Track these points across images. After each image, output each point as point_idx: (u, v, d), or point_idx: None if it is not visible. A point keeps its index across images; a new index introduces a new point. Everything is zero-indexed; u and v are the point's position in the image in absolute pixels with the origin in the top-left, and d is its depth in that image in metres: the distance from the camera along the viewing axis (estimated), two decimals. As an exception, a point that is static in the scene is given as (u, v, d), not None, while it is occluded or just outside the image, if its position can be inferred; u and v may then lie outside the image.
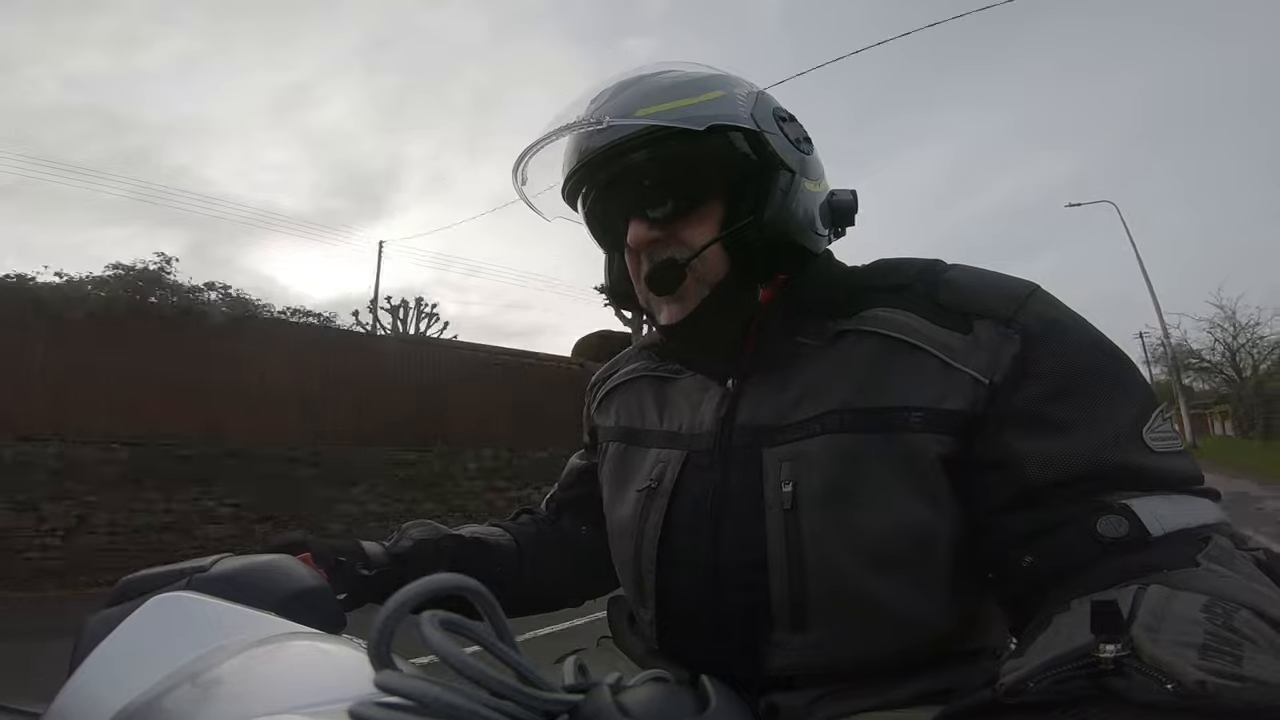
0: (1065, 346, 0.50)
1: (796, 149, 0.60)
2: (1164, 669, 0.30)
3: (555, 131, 0.58)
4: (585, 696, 0.27)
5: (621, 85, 0.58)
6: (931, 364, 0.52)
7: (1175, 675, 0.29)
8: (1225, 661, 0.31)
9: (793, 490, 0.53)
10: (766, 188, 0.57)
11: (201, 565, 0.46)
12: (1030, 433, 0.48)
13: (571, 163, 0.60)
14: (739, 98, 0.58)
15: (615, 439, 0.72)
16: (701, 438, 0.61)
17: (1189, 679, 0.29)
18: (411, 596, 0.25)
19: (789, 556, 0.53)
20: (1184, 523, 0.44)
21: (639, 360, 0.75)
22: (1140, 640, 0.32)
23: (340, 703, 0.25)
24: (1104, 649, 0.32)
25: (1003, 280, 0.55)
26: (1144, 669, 0.30)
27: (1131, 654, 0.31)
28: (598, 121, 0.55)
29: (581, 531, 0.79)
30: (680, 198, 0.57)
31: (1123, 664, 0.31)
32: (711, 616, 0.57)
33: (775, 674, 0.54)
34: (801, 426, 0.55)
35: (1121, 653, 0.31)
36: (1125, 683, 0.31)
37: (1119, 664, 0.31)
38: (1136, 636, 0.32)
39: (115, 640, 0.36)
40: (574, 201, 0.64)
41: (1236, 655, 0.31)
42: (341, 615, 0.49)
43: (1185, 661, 0.30)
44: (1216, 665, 0.30)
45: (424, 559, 0.65)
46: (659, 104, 0.55)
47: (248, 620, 0.37)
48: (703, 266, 0.57)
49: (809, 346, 0.58)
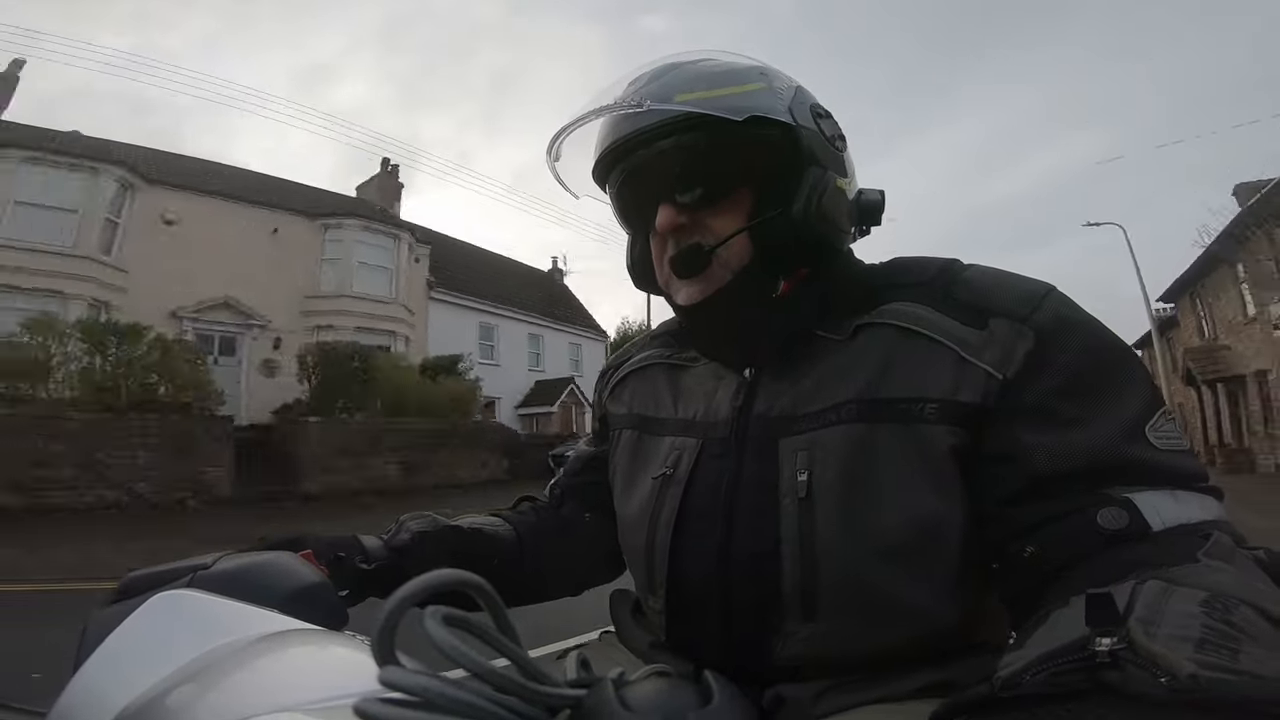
0: (1077, 345, 0.51)
1: (831, 146, 0.60)
2: (1159, 662, 0.30)
3: (593, 111, 0.58)
4: (588, 691, 0.27)
5: (661, 70, 0.59)
6: (947, 357, 0.53)
7: (1169, 668, 0.29)
8: (1222, 656, 0.30)
9: (807, 480, 0.54)
10: (797, 182, 0.57)
11: (203, 563, 0.46)
12: (1039, 427, 0.49)
13: (606, 143, 0.60)
14: (778, 91, 0.59)
15: (629, 426, 0.72)
16: (718, 426, 0.61)
17: (1183, 672, 0.29)
18: (414, 592, 0.25)
19: (801, 546, 0.53)
20: (1185, 518, 0.44)
21: (652, 348, 0.75)
22: (1136, 634, 0.32)
23: (345, 699, 0.25)
24: (1099, 642, 0.32)
25: (1019, 280, 0.56)
26: (1139, 662, 0.30)
27: (1127, 647, 0.31)
28: (637, 104, 0.55)
29: (585, 519, 0.78)
30: (711, 185, 0.58)
31: (1118, 657, 0.31)
32: (722, 605, 0.57)
33: (783, 665, 0.55)
34: (817, 416, 0.56)
35: (1117, 646, 0.31)
36: (1120, 676, 0.31)
37: (1114, 657, 0.31)
38: (1132, 630, 0.32)
39: (118, 638, 0.36)
40: (604, 182, 0.65)
41: (1233, 650, 0.31)
42: (344, 611, 0.49)
43: (1180, 655, 0.30)
44: (1212, 659, 0.30)
45: (423, 551, 0.65)
46: (698, 91, 0.56)
47: (250, 617, 0.37)
48: (727, 254, 0.58)
49: (827, 339, 0.59)
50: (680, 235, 0.59)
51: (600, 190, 0.66)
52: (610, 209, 0.66)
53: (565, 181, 0.67)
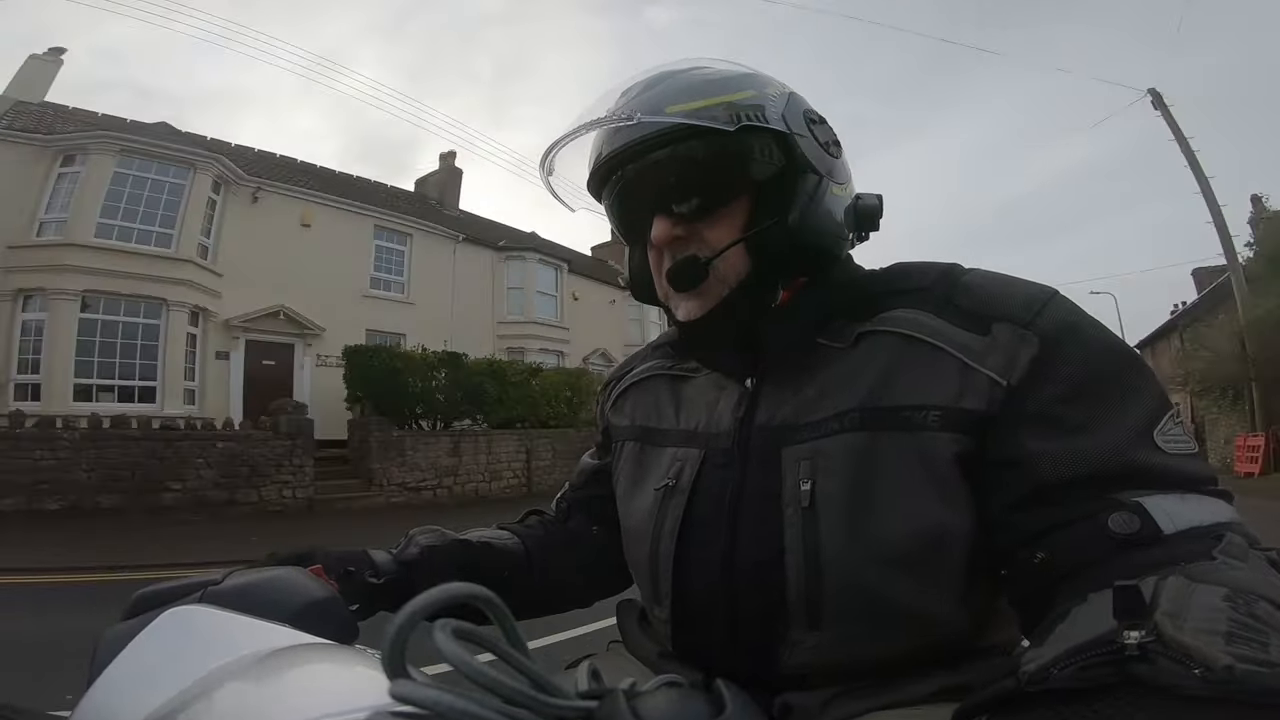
0: (1082, 350, 0.50)
1: (825, 152, 0.60)
2: (1191, 654, 0.30)
3: (584, 125, 0.58)
4: (599, 703, 0.27)
5: (652, 81, 0.58)
6: (950, 364, 0.52)
7: (1204, 660, 0.29)
8: (1253, 648, 0.30)
9: (810, 489, 0.54)
10: (793, 190, 0.57)
11: (214, 579, 0.46)
12: (1045, 433, 0.48)
13: (599, 156, 0.60)
14: (770, 98, 0.58)
15: (631, 438, 0.72)
16: (720, 436, 0.61)
17: (1219, 664, 0.29)
18: (424, 605, 0.25)
19: (805, 554, 0.53)
20: (1197, 520, 0.43)
21: (653, 359, 0.75)
22: (1164, 626, 0.31)
23: (356, 713, 0.25)
24: (1128, 635, 0.31)
25: (1022, 285, 0.55)
26: (1170, 654, 0.30)
27: (1156, 640, 0.31)
28: (628, 117, 0.55)
29: (592, 532, 0.78)
30: (706, 196, 0.58)
31: (1148, 650, 0.31)
32: (727, 615, 0.57)
33: (790, 673, 0.54)
34: (820, 425, 0.55)
35: (1146, 639, 0.31)
36: (1151, 669, 0.30)
37: (1144, 650, 0.31)
38: (1160, 623, 0.31)
39: (130, 654, 0.36)
40: (599, 194, 0.64)
41: (1263, 642, 0.31)
42: (354, 625, 0.49)
43: (1213, 648, 0.30)
44: (1244, 651, 0.30)
45: (432, 565, 0.65)
46: (689, 102, 0.55)
47: (261, 633, 0.37)
48: (724, 266, 0.58)
49: (828, 348, 0.58)
50: (677, 247, 0.59)
51: (596, 202, 0.66)
52: (607, 221, 0.66)
53: (560, 195, 0.67)
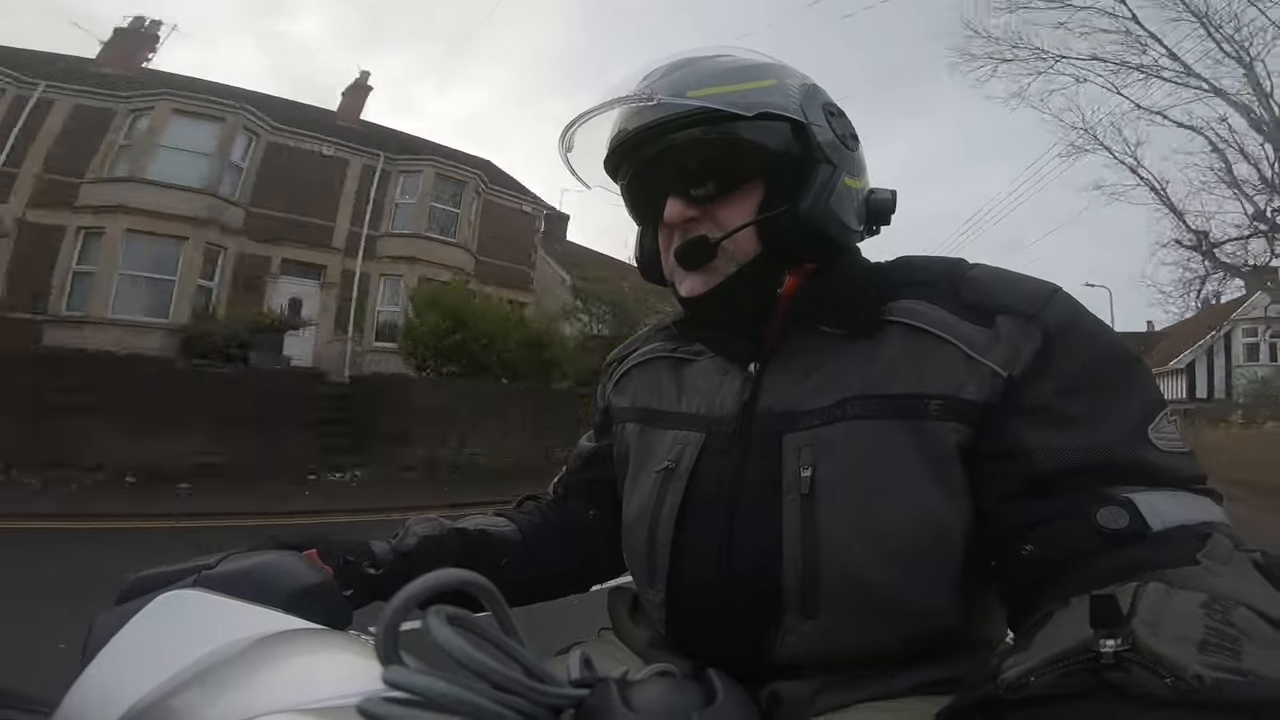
0: (1083, 346, 0.51)
1: (841, 144, 0.60)
2: (1163, 663, 0.30)
3: (607, 103, 0.59)
4: (591, 691, 0.27)
5: (676, 64, 0.59)
6: (953, 354, 0.53)
7: (1174, 669, 0.30)
8: (1224, 656, 0.31)
9: (811, 476, 0.54)
10: (806, 178, 0.58)
11: (208, 563, 0.46)
12: (1042, 426, 0.49)
13: (618, 135, 0.61)
14: (790, 88, 0.59)
15: (633, 419, 0.73)
16: (722, 421, 0.61)
17: (1188, 673, 0.29)
18: (417, 592, 0.25)
19: (803, 542, 0.53)
20: (1185, 519, 0.44)
21: (656, 340, 0.75)
22: (1140, 635, 0.32)
23: (348, 698, 0.25)
24: (1104, 644, 0.32)
25: (1026, 280, 0.56)
26: (1143, 663, 0.31)
27: (1131, 648, 0.31)
28: (649, 98, 0.56)
29: (589, 516, 0.78)
30: (721, 179, 0.58)
31: (1123, 658, 0.31)
32: (723, 600, 0.57)
33: (782, 662, 0.55)
34: (822, 413, 0.56)
35: (1121, 647, 0.31)
36: (1125, 677, 0.31)
37: (1119, 658, 0.31)
38: (1136, 631, 0.32)
39: (123, 638, 0.36)
40: (615, 173, 0.65)
41: (1236, 650, 0.31)
42: (348, 611, 0.49)
43: (1185, 656, 0.30)
44: (1216, 660, 0.30)
45: (429, 555, 0.65)
46: (711, 86, 0.56)
47: (255, 617, 0.37)
48: (733, 247, 0.58)
49: (832, 336, 0.59)
50: (689, 228, 0.60)
51: (611, 181, 0.67)
52: (621, 201, 0.67)
53: (577, 171, 0.67)
